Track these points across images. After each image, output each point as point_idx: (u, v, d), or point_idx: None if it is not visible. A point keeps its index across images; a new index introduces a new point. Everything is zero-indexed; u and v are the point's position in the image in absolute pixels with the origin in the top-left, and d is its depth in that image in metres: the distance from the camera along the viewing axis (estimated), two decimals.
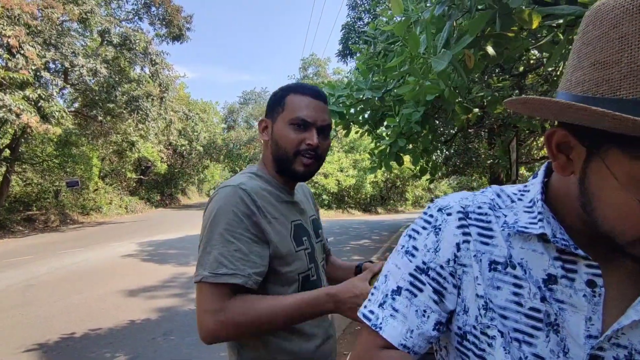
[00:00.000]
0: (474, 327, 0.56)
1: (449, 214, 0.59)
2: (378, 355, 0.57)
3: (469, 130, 6.06)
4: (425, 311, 0.56)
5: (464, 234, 0.57)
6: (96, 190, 19.04)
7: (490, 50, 1.86)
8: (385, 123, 3.63)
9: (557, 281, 0.52)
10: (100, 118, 14.87)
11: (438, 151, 5.04)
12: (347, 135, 4.52)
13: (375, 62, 3.48)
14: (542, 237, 0.53)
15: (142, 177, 24.91)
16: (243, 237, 0.87)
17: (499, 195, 0.60)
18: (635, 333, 0.49)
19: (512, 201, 0.59)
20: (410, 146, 3.17)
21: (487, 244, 0.56)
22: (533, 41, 2.07)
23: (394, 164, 3.26)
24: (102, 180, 20.56)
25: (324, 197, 21.76)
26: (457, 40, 1.66)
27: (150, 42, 15.28)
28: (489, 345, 0.54)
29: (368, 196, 23.99)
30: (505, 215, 0.57)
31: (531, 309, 0.52)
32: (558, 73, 3.07)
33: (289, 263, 0.95)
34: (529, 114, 0.51)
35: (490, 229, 0.56)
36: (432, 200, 0.65)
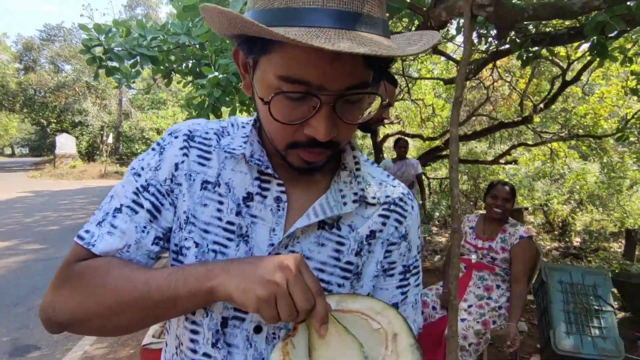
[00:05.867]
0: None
1: (175, 137, 0.62)
2: (80, 265, 0.56)
3: None
4: (145, 227, 0.58)
5: (184, 154, 0.61)
6: None
7: None
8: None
9: (253, 198, 0.59)
10: None
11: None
12: (168, 84, 4.17)
13: (193, 3, 3.24)
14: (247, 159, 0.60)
15: None
16: None
17: (232, 125, 0.65)
18: (306, 241, 0.59)
19: (238, 128, 0.64)
20: (229, 99, 3.14)
21: (203, 165, 0.61)
22: None
23: (211, 115, 3.19)
24: None
25: None
26: None
27: None
28: (184, 255, 0.59)
29: None
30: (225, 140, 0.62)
31: (228, 222, 0.59)
32: None
33: None
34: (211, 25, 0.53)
35: (209, 152, 0.62)
36: None
